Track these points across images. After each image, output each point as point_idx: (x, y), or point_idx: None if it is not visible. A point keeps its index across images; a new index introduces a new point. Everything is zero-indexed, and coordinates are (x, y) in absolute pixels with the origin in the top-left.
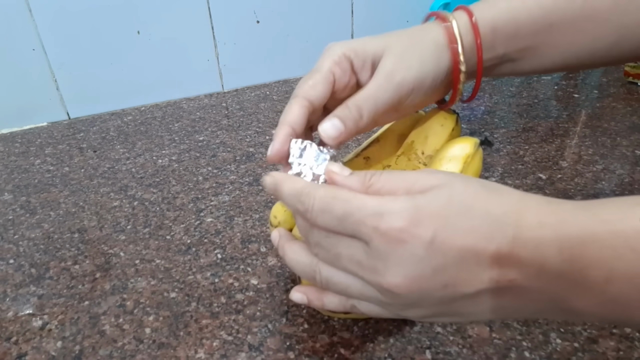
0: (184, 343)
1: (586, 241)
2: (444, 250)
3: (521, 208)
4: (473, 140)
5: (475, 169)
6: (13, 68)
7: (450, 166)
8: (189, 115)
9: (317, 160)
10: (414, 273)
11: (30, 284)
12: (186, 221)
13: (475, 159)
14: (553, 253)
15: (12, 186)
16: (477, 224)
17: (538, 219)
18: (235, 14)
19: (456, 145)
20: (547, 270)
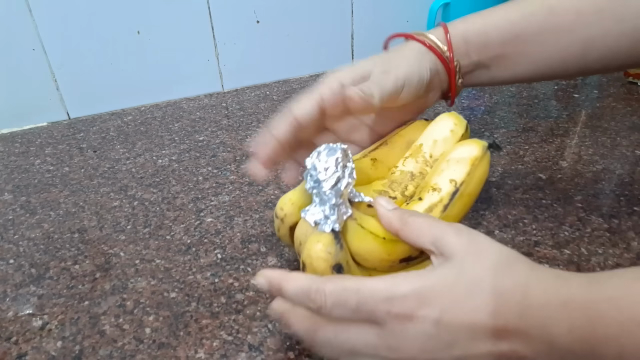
0: (184, 343)
1: (594, 320)
2: (451, 327)
3: (528, 283)
4: (481, 143)
5: (482, 173)
6: (13, 68)
7: (457, 168)
8: (189, 115)
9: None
10: (427, 347)
11: (30, 284)
12: (186, 221)
13: (482, 162)
14: (563, 332)
15: (12, 186)
16: (484, 302)
17: (545, 296)
18: (235, 14)
19: (464, 146)
20: (557, 347)
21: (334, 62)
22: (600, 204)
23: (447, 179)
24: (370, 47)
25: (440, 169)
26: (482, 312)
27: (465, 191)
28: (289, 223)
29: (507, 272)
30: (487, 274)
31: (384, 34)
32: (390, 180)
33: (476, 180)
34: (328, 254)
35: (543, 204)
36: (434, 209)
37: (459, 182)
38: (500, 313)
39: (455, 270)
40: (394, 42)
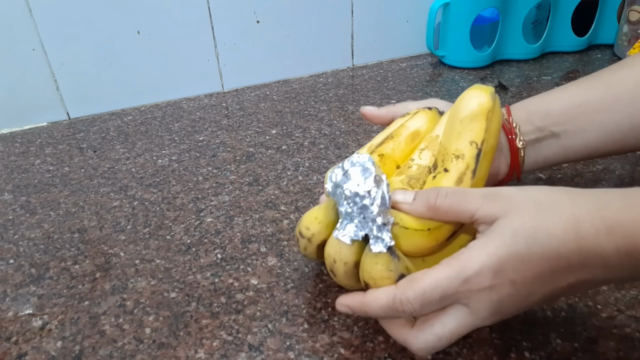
0: (184, 343)
1: (636, 237)
2: (526, 282)
3: (576, 222)
4: (488, 89)
5: (497, 121)
6: (13, 68)
7: (474, 126)
8: (189, 115)
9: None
10: (510, 303)
11: (30, 284)
12: (186, 221)
13: (495, 111)
14: (612, 253)
15: (12, 186)
16: (544, 251)
17: (594, 229)
18: (235, 14)
19: (472, 98)
20: (611, 266)
21: (334, 62)
22: None
23: (467, 142)
24: (370, 47)
25: (457, 132)
26: (544, 261)
27: (487, 148)
28: (317, 241)
29: (552, 216)
30: (535, 224)
31: (384, 34)
32: (408, 175)
33: (494, 132)
34: (390, 271)
35: None
36: (464, 178)
37: (479, 143)
38: (561, 256)
39: (509, 232)
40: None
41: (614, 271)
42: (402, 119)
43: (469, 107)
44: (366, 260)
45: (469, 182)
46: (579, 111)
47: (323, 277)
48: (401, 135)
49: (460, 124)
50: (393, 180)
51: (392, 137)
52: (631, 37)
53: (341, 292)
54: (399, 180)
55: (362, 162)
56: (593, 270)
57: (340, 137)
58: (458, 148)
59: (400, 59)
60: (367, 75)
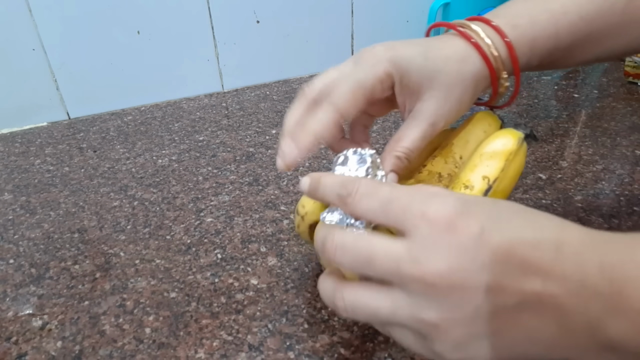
0: (184, 343)
1: (626, 263)
2: (491, 246)
3: (562, 224)
4: (517, 134)
5: (517, 167)
6: (13, 68)
7: (491, 163)
8: (189, 115)
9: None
10: (458, 263)
11: (30, 284)
12: (186, 221)
13: (518, 156)
14: (594, 271)
15: (12, 186)
16: (523, 229)
17: (579, 236)
18: (235, 14)
19: (499, 139)
20: (588, 287)
21: (334, 62)
22: (600, 204)
23: (479, 175)
24: None
25: (474, 164)
26: (522, 240)
27: (499, 188)
28: (309, 221)
29: (538, 213)
30: (523, 209)
31: (384, 34)
32: (417, 180)
33: (510, 175)
34: None
35: (543, 204)
36: None
37: (492, 179)
38: (537, 247)
39: (491, 200)
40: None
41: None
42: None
43: (493, 145)
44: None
45: None
46: (584, 41)
47: None
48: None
49: (479, 158)
50: (402, 184)
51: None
52: None
53: None
54: (408, 184)
55: (363, 154)
56: (567, 283)
57: None
58: (470, 179)
59: None
60: None
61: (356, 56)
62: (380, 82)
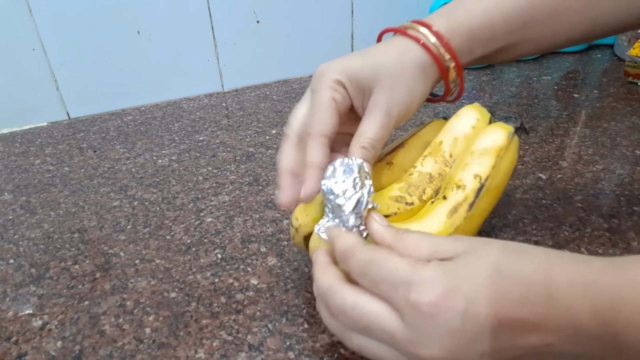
0: (184, 343)
1: (617, 305)
2: (478, 320)
3: (548, 266)
4: (507, 128)
5: (509, 162)
6: (13, 68)
7: (482, 161)
8: (189, 115)
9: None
10: (450, 345)
11: (30, 284)
12: (186, 221)
13: (509, 150)
14: (586, 316)
15: (12, 186)
16: (508, 289)
17: (568, 279)
18: (235, 14)
19: (488, 134)
20: (583, 333)
21: None
22: (600, 204)
23: (471, 175)
24: None
25: (464, 163)
26: (509, 301)
27: (492, 185)
28: (303, 233)
29: (525, 257)
30: (505, 259)
31: None
32: (408, 183)
33: (503, 171)
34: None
35: (543, 204)
36: (459, 209)
37: (483, 177)
38: (525, 300)
39: (472, 260)
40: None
41: (586, 342)
42: (416, 128)
43: (483, 142)
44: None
45: (464, 214)
46: (522, 30)
47: None
48: (412, 144)
49: (470, 156)
50: (393, 187)
51: (403, 146)
52: (631, 37)
53: None
54: (398, 188)
55: (350, 164)
56: (561, 332)
57: None
58: (462, 179)
59: None
60: None
61: (310, 84)
62: (337, 92)
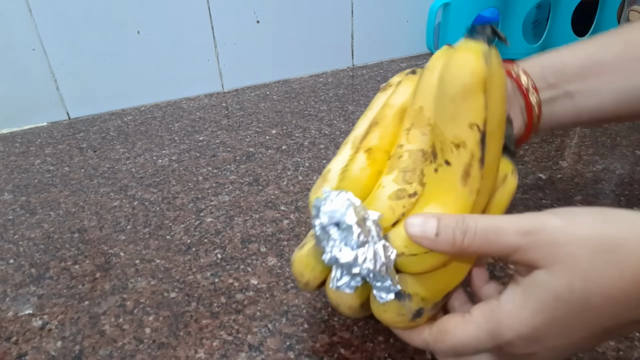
0: (184, 343)
1: None
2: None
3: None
4: (479, 49)
5: (501, 87)
6: (13, 68)
7: (469, 105)
8: (189, 115)
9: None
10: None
11: (30, 284)
12: (186, 221)
13: (494, 75)
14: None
15: (12, 186)
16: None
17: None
18: (235, 14)
19: (458, 69)
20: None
21: (334, 62)
22: (600, 204)
23: (465, 126)
24: (370, 47)
25: (450, 114)
26: (595, 324)
27: (493, 126)
28: (315, 285)
29: (610, 271)
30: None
31: (384, 34)
32: (402, 169)
33: (497, 103)
34: (401, 316)
35: (543, 204)
36: (471, 171)
37: (481, 124)
38: (617, 316)
39: (548, 294)
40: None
41: None
42: (383, 94)
43: (459, 80)
44: (374, 306)
45: (478, 173)
46: (595, 70)
47: None
48: (387, 117)
49: (452, 103)
50: (385, 182)
51: (377, 123)
52: None
53: None
54: (392, 180)
55: (342, 221)
56: None
57: (340, 137)
58: (456, 135)
59: (400, 59)
60: (367, 75)
61: None
62: None
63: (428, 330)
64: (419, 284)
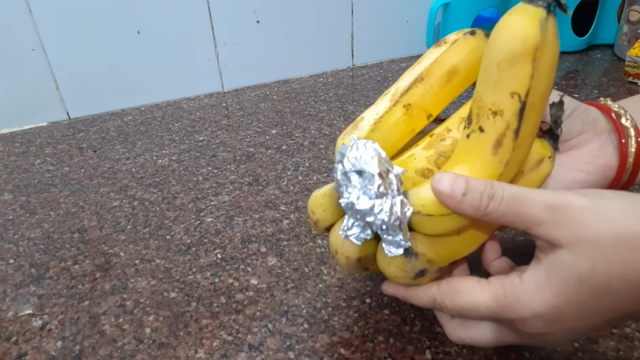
0: (184, 343)
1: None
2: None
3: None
4: (535, 13)
5: (551, 60)
6: (13, 68)
7: (515, 72)
8: (189, 115)
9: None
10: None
11: (30, 284)
12: (186, 221)
13: (547, 46)
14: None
15: (12, 186)
16: (619, 299)
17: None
18: (235, 14)
19: (512, 29)
20: None
21: (334, 62)
22: None
23: (506, 94)
24: (370, 47)
25: (493, 79)
26: (616, 308)
27: (535, 98)
28: (323, 227)
29: (633, 254)
30: (609, 269)
31: (384, 34)
32: (438, 152)
33: (545, 75)
34: (404, 272)
35: None
36: (504, 141)
37: (523, 94)
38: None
39: (571, 276)
40: None
41: None
42: (436, 49)
43: (508, 44)
44: (379, 257)
45: (511, 145)
46: None
47: (323, 277)
48: (434, 75)
49: (497, 68)
50: (419, 156)
51: (422, 79)
52: (631, 37)
53: (341, 292)
54: (426, 157)
55: (363, 169)
56: None
57: None
58: (495, 102)
59: (400, 59)
60: (367, 75)
61: None
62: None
63: (437, 287)
64: (429, 245)
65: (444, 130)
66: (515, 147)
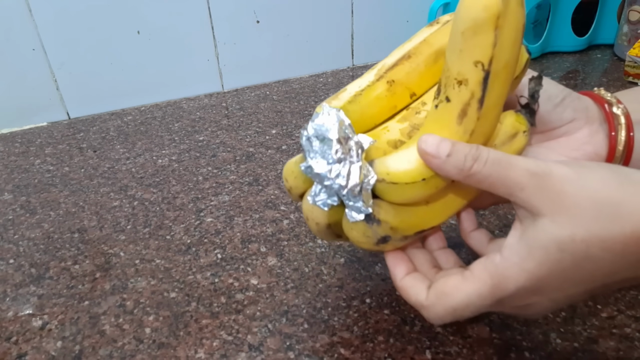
0: (184, 343)
1: None
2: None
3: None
4: None
5: (515, 28)
6: (13, 68)
7: (478, 41)
8: (189, 115)
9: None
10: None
11: (30, 284)
12: (186, 221)
13: (509, 13)
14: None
15: (12, 186)
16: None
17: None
18: (235, 14)
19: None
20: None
21: (334, 62)
22: None
23: (470, 63)
24: (370, 47)
25: (458, 49)
26: (597, 276)
27: (498, 67)
28: (297, 193)
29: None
30: (588, 236)
31: (384, 34)
32: (412, 124)
33: (508, 43)
34: (366, 237)
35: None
36: (468, 110)
37: (486, 63)
38: (615, 271)
39: (551, 244)
40: None
41: None
42: (428, 29)
43: (471, 13)
44: (344, 222)
45: (475, 114)
46: None
47: (323, 277)
48: (421, 54)
49: (461, 37)
50: (392, 128)
51: (409, 57)
52: (631, 37)
53: (341, 292)
54: (399, 129)
55: (324, 133)
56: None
57: None
58: (460, 71)
59: None
60: None
61: None
62: None
63: (425, 295)
64: (393, 213)
65: (419, 103)
66: (480, 117)
